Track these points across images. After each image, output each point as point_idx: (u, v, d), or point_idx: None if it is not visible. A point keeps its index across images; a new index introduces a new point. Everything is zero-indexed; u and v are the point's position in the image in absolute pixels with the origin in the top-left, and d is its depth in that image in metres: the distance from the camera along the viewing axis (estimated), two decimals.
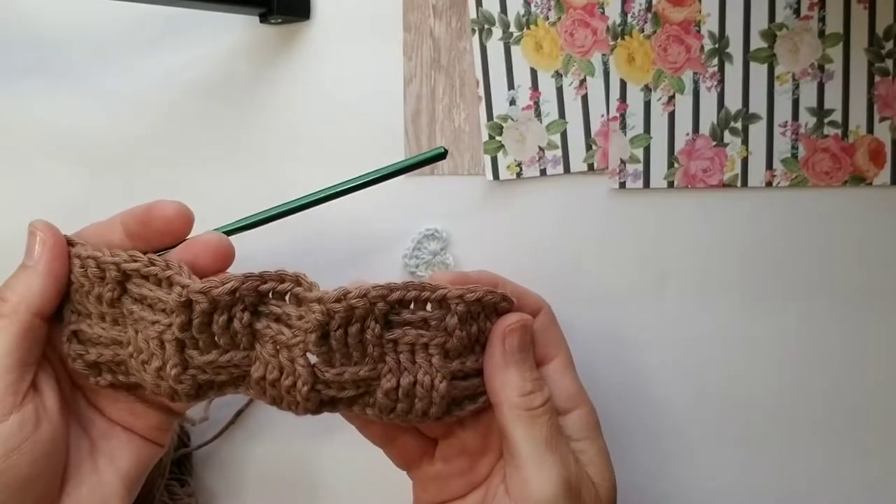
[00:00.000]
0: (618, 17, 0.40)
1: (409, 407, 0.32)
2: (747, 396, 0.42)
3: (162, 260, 0.31)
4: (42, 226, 0.32)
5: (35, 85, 0.42)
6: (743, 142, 0.41)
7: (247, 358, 0.31)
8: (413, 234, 0.41)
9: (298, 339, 0.30)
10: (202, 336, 0.30)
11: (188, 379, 0.31)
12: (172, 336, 0.30)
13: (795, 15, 0.40)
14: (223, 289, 0.30)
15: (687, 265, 0.42)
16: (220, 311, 0.30)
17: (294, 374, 0.30)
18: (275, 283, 0.30)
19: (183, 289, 0.30)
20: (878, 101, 0.40)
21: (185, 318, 0.30)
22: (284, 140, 0.42)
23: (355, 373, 0.31)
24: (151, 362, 0.31)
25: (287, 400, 0.31)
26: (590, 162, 0.41)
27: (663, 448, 0.43)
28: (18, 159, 0.42)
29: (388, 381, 0.31)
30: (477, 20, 0.40)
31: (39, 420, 0.30)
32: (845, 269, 0.41)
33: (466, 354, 0.32)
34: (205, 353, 0.31)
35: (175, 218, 0.32)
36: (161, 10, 0.40)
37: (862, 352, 0.42)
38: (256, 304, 0.31)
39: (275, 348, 0.30)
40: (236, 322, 0.30)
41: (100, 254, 0.31)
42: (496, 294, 0.32)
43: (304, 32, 0.41)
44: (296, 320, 0.30)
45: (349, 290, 0.30)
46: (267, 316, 0.31)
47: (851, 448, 0.42)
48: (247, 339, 0.31)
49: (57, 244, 0.32)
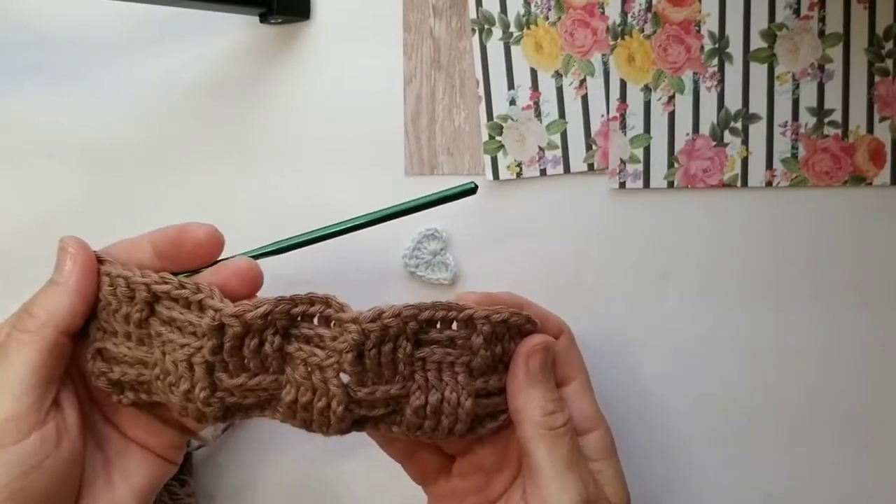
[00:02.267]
0: (618, 17, 0.40)
1: (435, 424, 0.32)
2: (747, 396, 0.42)
3: (193, 283, 0.31)
4: (73, 242, 0.32)
5: (35, 85, 0.42)
6: (743, 142, 0.41)
7: (276, 381, 0.31)
8: (413, 234, 0.41)
9: (332, 360, 0.30)
10: (232, 359, 0.30)
11: (216, 402, 0.31)
12: (202, 359, 0.30)
13: (795, 15, 0.40)
14: (256, 313, 0.30)
15: (687, 265, 0.42)
16: (251, 335, 0.30)
17: (328, 394, 0.30)
18: (306, 305, 0.31)
19: (216, 312, 0.30)
20: (878, 101, 0.40)
21: (216, 342, 0.30)
22: (284, 140, 0.42)
23: (386, 391, 0.31)
24: (180, 384, 0.31)
25: (319, 421, 0.31)
26: (590, 162, 0.41)
27: (662, 448, 0.43)
28: (18, 159, 0.42)
29: (417, 398, 0.31)
30: (477, 20, 0.40)
31: (60, 438, 0.30)
32: (845, 269, 0.41)
33: (490, 373, 0.33)
34: (234, 377, 0.31)
35: (206, 241, 0.32)
36: (161, 10, 0.40)
37: (862, 351, 0.42)
38: (287, 327, 0.31)
39: (307, 370, 0.31)
40: (267, 345, 0.30)
41: (130, 273, 0.31)
42: (522, 316, 0.33)
43: (304, 32, 0.41)
44: (329, 341, 0.30)
45: (383, 309, 0.30)
46: (298, 338, 0.31)
47: (852, 448, 0.42)
48: (277, 362, 0.31)
49: (87, 262, 0.32)
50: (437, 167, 0.41)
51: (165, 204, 0.42)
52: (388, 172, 0.41)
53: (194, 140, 0.42)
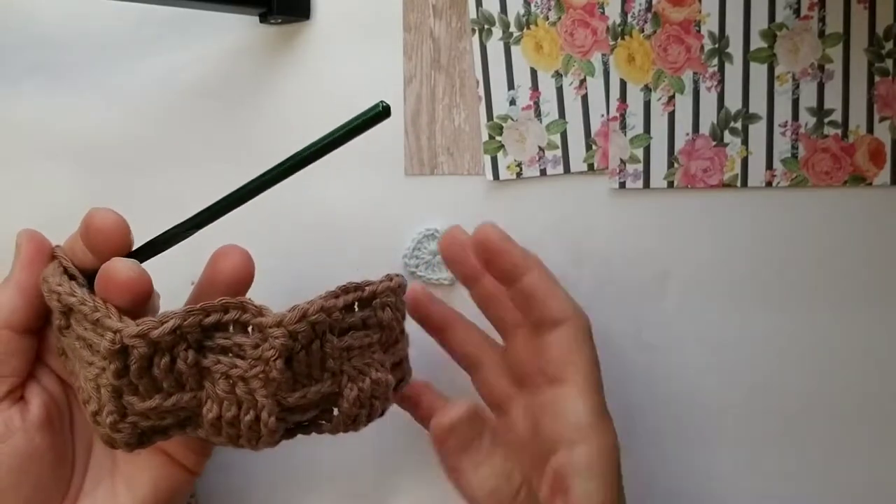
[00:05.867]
0: (618, 17, 0.40)
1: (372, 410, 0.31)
2: (747, 396, 0.42)
3: (93, 299, 0.28)
4: (24, 235, 0.32)
5: (35, 85, 0.42)
6: (743, 142, 0.41)
7: (195, 398, 0.28)
8: (413, 234, 0.41)
9: (257, 370, 0.27)
10: (142, 381, 0.27)
11: (127, 427, 0.28)
12: (108, 381, 0.27)
13: (795, 15, 0.40)
14: (163, 329, 0.27)
15: (687, 265, 0.42)
16: (160, 354, 0.27)
17: (255, 406, 0.28)
18: (220, 314, 0.28)
19: (115, 334, 0.27)
20: (878, 101, 0.40)
21: (119, 365, 0.27)
22: (284, 140, 0.42)
23: (317, 391, 0.29)
24: (89, 405, 0.28)
25: (247, 436, 0.28)
26: (590, 162, 0.41)
27: (662, 448, 0.43)
28: (18, 159, 0.42)
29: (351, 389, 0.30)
30: (477, 20, 0.40)
31: (11, 432, 0.30)
32: (845, 269, 0.41)
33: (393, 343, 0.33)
34: (146, 399, 0.28)
35: (105, 228, 0.29)
36: (161, 10, 0.40)
37: (862, 351, 0.42)
38: (200, 339, 0.28)
39: (229, 383, 0.28)
40: (180, 363, 0.27)
41: (52, 279, 0.29)
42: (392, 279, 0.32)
43: (304, 32, 0.41)
44: (250, 349, 0.27)
45: (306, 307, 0.28)
46: (213, 350, 0.28)
47: (849, 447, 0.42)
48: (194, 378, 0.28)
49: (32, 256, 0.31)
50: (437, 167, 0.41)
51: (165, 204, 0.42)
52: (388, 172, 0.41)
53: (194, 140, 0.42)
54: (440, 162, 0.41)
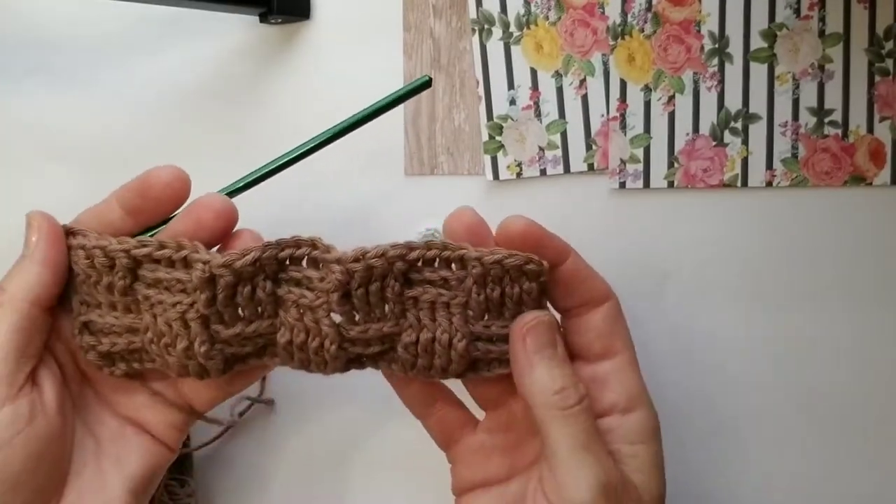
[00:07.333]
0: (618, 16, 0.40)
1: (428, 363, 0.32)
2: (746, 396, 0.42)
3: (174, 241, 0.31)
4: (37, 215, 0.32)
5: (35, 85, 0.42)
6: (743, 142, 0.41)
7: (271, 326, 0.31)
8: (413, 234, 0.41)
9: (321, 301, 0.31)
10: (227, 309, 0.31)
11: (217, 353, 0.31)
12: (197, 314, 0.30)
13: (795, 15, 0.40)
14: (245, 260, 0.30)
15: (687, 265, 0.42)
16: (243, 283, 0.30)
17: (321, 334, 0.31)
18: (293, 248, 0.31)
19: (204, 265, 0.30)
20: (878, 101, 0.40)
21: (209, 294, 0.30)
22: (284, 140, 0.42)
23: (378, 329, 0.32)
24: (177, 343, 0.31)
25: (315, 361, 0.32)
26: (590, 162, 0.41)
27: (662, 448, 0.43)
28: (18, 159, 0.42)
29: (408, 335, 0.32)
30: (477, 20, 0.40)
31: (34, 415, 0.30)
32: (845, 269, 0.41)
33: (493, 318, 0.32)
34: (230, 327, 0.31)
35: (173, 181, 0.31)
36: (161, 10, 0.40)
37: (862, 351, 0.42)
38: (277, 271, 0.31)
39: (299, 312, 0.31)
40: (259, 291, 0.31)
41: (106, 242, 0.31)
42: (519, 256, 0.31)
43: (304, 32, 0.41)
44: (317, 282, 0.31)
45: (367, 250, 0.30)
46: (288, 282, 0.31)
47: (848, 446, 0.42)
48: (271, 306, 0.31)
49: (51, 232, 0.31)
50: (437, 167, 0.41)
51: None
52: (388, 172, 0.41)
53: (194, 140, 0.42)
54: (440, 162, 0.41)
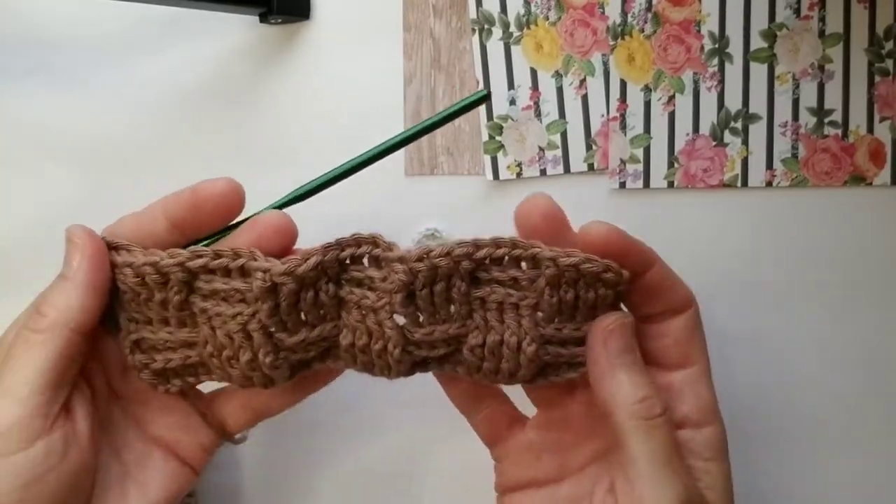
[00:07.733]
0: (618, 17, 0.40)
1: (495, 366, 0.30)
2: (746, 396, 0.42)
3: (229, 249, 0.29)
4: (80, 232, 0.30)
5: (35, 85, 0.42)
6: (743, 142, 0.41)
7: (335, 328, 0.30)
8: (413, 234, 0.41)
9: (384, 302, 0.29)
10: (290, 317, 0.30)
11: (282, 363, 0.30)
12: (259, 324, 0.29)
13: (795, 15, 0.40)
14: (308, 265, 0.29)
15: (686, 265, 0.42)
16: (306, 289, 0.29)
17: (384, 337, 0.30)
18: (353, 248, 0.30)
19: (265, 273, 0.29)
20: (878, 101, 0.40)
21: (272, 304, 0.29)
22: (284, 140, 0.42)
23: (444, 331, 0.30)
24: (241, 356, 0.30)
25: (379, 364, 0.30)
26: (590, 162, 0.41)
27: None
28: (18, 159, 0.42)
29: (475, 337, 0.30)
30: (477, 20, 0.40)
31: (68, 448, 0.28)
32: (845, 269, 0.41)
33: (565, 320, 0.30)
34: (294, 334, 0.30)
35: (228, 193, 0.30)
36: (161, 10, 0.40)
37: (862, 351, 0.42)
38: (339, 272, 0.30)
39: (361, 313, 0.30)
40: (322, 295, 0.30)
41: (157, 258, 0.29)
42: (599, 263, 0.29)
43: (304, 32, 0.41)
44: (379, 282, 0.29)
45: (431, 248, 0.29)
46: (349, 282, 0.30)
47: (849, 448, 0.42)
48: (334, 309, 0.30)
49: (96, 253, 0.29)
50: (436, 167, 0.41)
51: None
52: (387, 172, 0.41)
53: (194, 140, 0.42)
54: (440, 162, 0.41)
